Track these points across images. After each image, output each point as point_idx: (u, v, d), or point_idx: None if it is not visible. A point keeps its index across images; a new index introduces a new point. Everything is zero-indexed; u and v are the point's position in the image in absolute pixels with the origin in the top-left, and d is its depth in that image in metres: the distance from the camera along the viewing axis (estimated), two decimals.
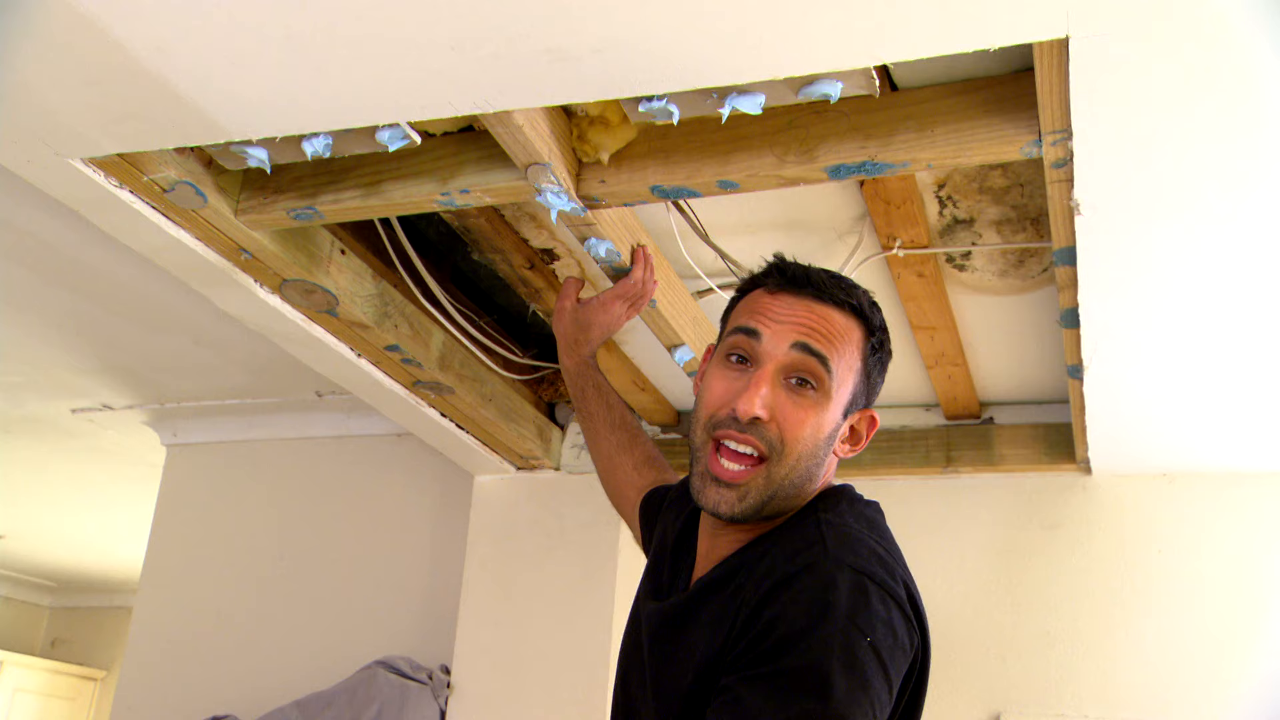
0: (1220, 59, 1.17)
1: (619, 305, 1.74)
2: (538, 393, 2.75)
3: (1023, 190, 1.79)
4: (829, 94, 1.34)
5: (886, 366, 1.29)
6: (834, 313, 1.23)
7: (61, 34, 1.24)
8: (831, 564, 1.06)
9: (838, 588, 1.03)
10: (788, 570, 1.07)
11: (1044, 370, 2.44)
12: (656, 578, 1.34)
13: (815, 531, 1.13)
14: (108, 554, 5.60)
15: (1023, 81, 1.41)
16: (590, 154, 1.56)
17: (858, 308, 1.25)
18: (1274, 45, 1.14)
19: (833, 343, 1.21)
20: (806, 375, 1.19)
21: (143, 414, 3.28)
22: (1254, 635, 2.29)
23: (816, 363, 1.19)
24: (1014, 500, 2.56)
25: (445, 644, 2.73)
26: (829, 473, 1.26)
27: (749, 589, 1.09)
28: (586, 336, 1.76)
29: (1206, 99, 1.24)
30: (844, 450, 1.25)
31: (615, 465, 1.71)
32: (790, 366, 1.19)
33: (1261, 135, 1.30)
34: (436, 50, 1.25)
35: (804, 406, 1.18)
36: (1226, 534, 2.38)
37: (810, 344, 1.20)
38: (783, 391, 1.19)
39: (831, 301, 1.23)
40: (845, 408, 1.22)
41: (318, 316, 1.99)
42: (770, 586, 1.06)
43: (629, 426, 1.73)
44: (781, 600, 1.04)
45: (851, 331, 1.23)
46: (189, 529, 3.22)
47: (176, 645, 3.08)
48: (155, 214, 1.65)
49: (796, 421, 1.17)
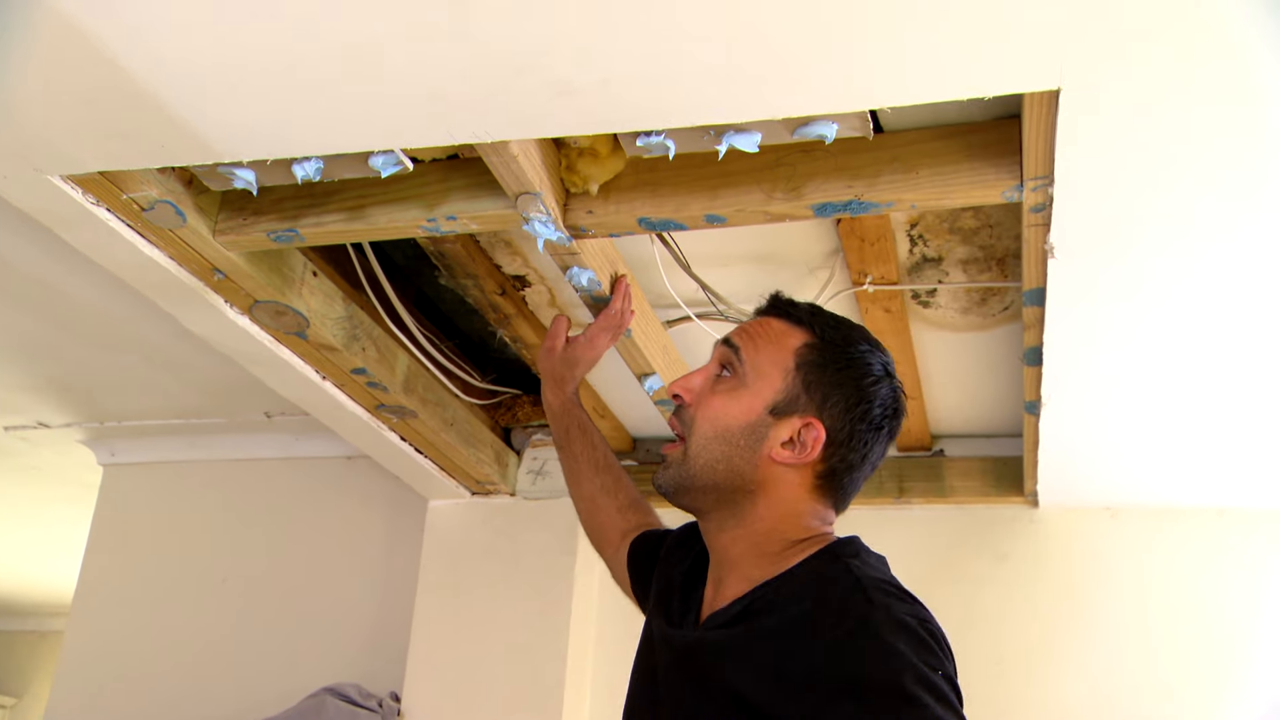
0: (1208, 114, 1.23)
1: (604, 338, 1.76)
2: (494, 418, 2.74)
3: (992, 231, 1.85)
4: (824, 135, 1.37)
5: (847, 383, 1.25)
6: (772, 320, 1.32)
7: (55, 50, 1.22)
8: (880, 610, 1.08)
9: (886, 632, 1.05)
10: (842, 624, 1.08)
11: (995, 405, 2.50)
12: (667, 608, 1.35)
13: (853, 577, 1.14)
14: (19, 576, 5.41)
15: (1005, 128, 1.46)
16: (579, 185, 1.58)
17: (797, 317, 1.30)
18: (1266, 100, 1.20)
19: (754, 339, 1.29)
20: (725, 363, 1.30)
21: (80, 432, 3.19)
22: (1194, 663, 2.37)
23: (730, 351, 1.29)
24: (964, 531, 2.61)
25: (395, 671, 2.69)
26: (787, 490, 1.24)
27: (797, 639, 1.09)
28: (573, 374, 1.77)
29: (1188, 151, 1.29)
30: (785, 455, 1.22)
31: (599, 507, 1.71)
32: (717, 360, 1.32)
33: (1249, 179, 1.35)
34: (440, 79, 1.25)
35: (718, 391, 1.27)
36: (1167, 566, 2.46)
37: (730, 338, 1.32)
38: (710, 384, 1.30)
39: (774, 313, 1.33)
40: (770, 404, 1.24)
41: (286, 338, 1.97)
42: (832, 641, 1.07)
43: (613, 469, 1.73)
44: (849, 653, 1.05)
45: (785, 334, 1.29)
46: (126, 551, 3.13)
47: (110, 672, 2.98)
48: (131, 232, 1.62)
49: (706, 403, 1.27)
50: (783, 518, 1.23)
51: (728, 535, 1.26)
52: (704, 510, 1.28)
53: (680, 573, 1.38)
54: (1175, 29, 1.10)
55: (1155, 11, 1.08)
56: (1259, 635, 2.37)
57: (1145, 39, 1.12)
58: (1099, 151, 1.32)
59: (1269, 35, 1.09)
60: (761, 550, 1.23)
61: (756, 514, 1.23)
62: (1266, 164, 1.32)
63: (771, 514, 1.23)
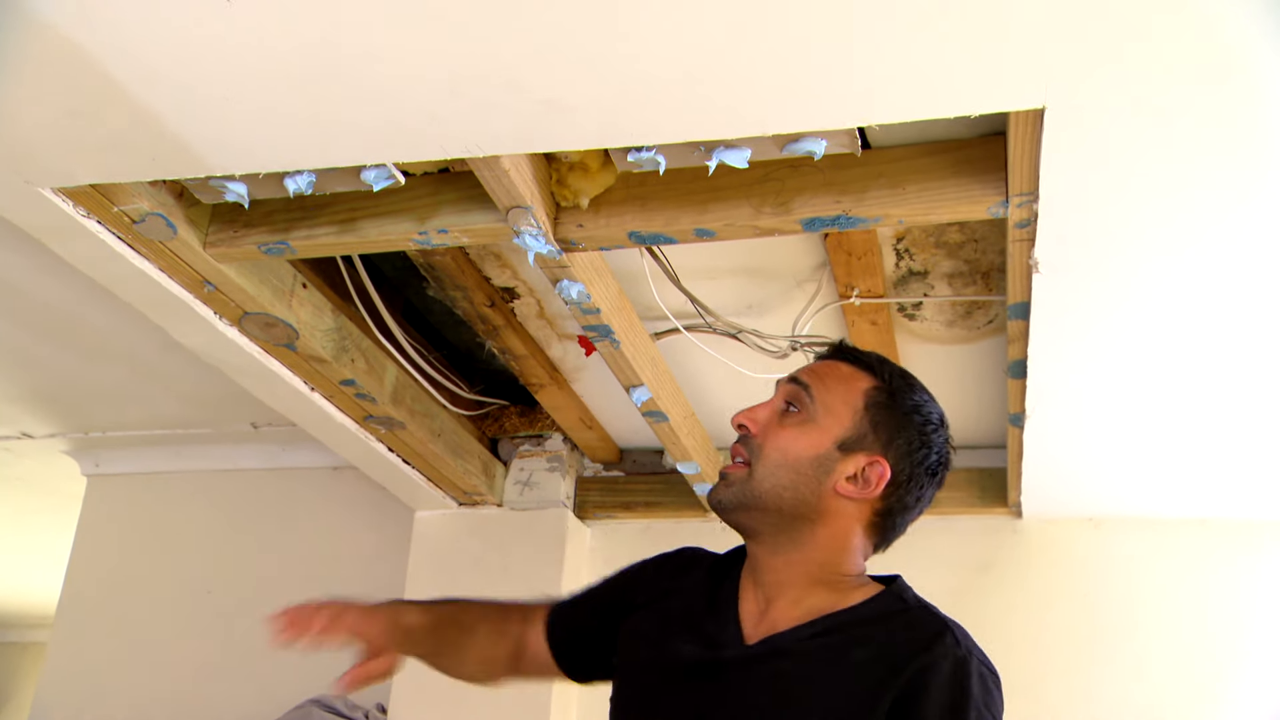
0: (1192, 133, 1.25)
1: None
2: (482, 429, 2.75)
3: (977, 245, 1.87)
4: (813, 151, 1.39)
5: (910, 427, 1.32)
6: (841, 364, 1.37)
7: (48, 62, 1.23)
8: (961, 653, 1.19)
9: (972, 677, 1.18)
10: (930, 664, 1.18)
11: (979, 417, 2.52)
12: (696, 630, 1.32)
13: (935, 618, 1.25)
14: (1, 587, 5.37)
15: (991, 145, 1.48)
16: (569, 199, 1.59)
17: (865, 362, 1.37)
18: (1250, 120, 1.22)
19: (823, 379, 1.34)
20: (793, 400, 1.34)
21: (64, 443, 3.18)
22: (1178, 672, 2.39)
23: (799, 388, 1.34)
24: (948, 542, 2.63)
25: None
26: (845, 521, 1.30)
27: (884, 672, 1.18)
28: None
29: (1171, 168, 1.32)
30: (849, 489, 1.28)
31: (500, 656, 1.56)
32: (785, 395, 1.35)
33: (1227, 197, 1.38)
34: (434, 94, 1.26)
35: (787, 425, 1.32)
36: (1150, 576, 2.48)
37: (799, 375, 1.36)
38: (776, 417, 1.34)
39: (842, 358, 1.38)
40: (839, 440, 1.30)
41: (275, 350, 1.97)
42: (914, 678, 1.16)
43: (492, 619, 1.59)
44: (930, 694, 1.15)
45: (854, 378, 1.34)
46: (110, 562, 3.12)
47: (94, 684, 2.96)
48: (121, 245, 1.63)
49: (775, 434, 1.32)
50: (837, 549, 1.30)
51: (782, 559, 1.31)
52: (759, 531, 1.32)
53: (700, 597, 1.37)
54: (1160, 50, 1.13)
55: (1140, 32, 1.10)
56: (1242, 644, 2.40)
57: (1129, 60, 1.14)
58: (1083, 169, 1.34)
59: (1255, 57, 1.12)
60: (816, 578, 1.29)
61: (814, 542, 1.29)
62: (1249, 182, 1.34)
63: (827, 544, 1.29)
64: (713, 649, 1.29)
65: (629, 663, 1.37)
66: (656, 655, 1.33)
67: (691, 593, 1.38)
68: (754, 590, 1.33)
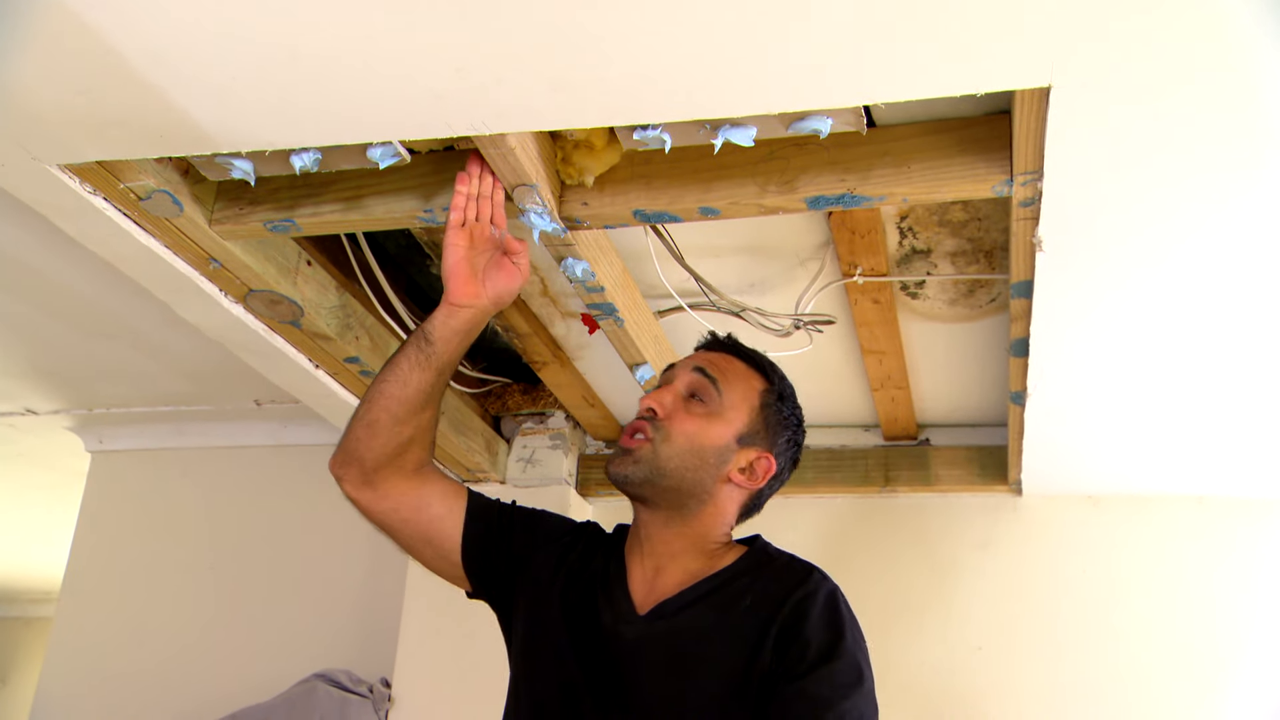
0: (1197, 113, 1.25)
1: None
2: (485, 406, 2.76)
3: (980, 224, 1.87)
4: (819, 129, 1.39)
5: (790, 427, 1.50)
6: (737, 360, 1.50)
7: (57, 40, 1.23)
8: (830, 586, 1.36)
9: (842, 604, 1.35)
10: (804, 596, 1.34)
11: (980, 395, 2.53)
12: (594, 606, 1.41)
13: (800, 563, 1.42)
14: (6, 563, 5.40)
15: (996, 124, 1.48)
16: (574, 176, 1.59)
17: (759, 364, 1.51)
18: (1257, 101, 1.22)
19: (726, 375, 1.47)
20: (697, 390, 1.46)
21: (68, 419, 3.19)
22: (1175, 647, 2.41)
23: (707, 381, 1.46)
24: (948, 519, 2.65)
25: (386, 656, 2.71)
26: (728, 503, 1.46)
27: (767, 612, 1.33)
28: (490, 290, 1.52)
29: (1176, 148, 1.32)
30: (740, 479, 1.44)
31: (417, 440, 1.51)
32: (689, 385, 1.47)
33: (1230, 180, 1.38)
34: (440, 72, 1.26)
35: (692, 414, 1.44)
36: (1148, 553, 2.50)
37: (705, 368, 1.48)
38: (680, 403, 1.45)
39: (736, 354, 1.51)
40: (738, 434, 1.45)
41: (280, 327, 1.98)
42: (793, 610, 1.33)
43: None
44: (811, 619, 1.32)
45: (750, 377, 1.49)
46: (114, 538, 3.14)
47: (99, 658, 2.99)
48: (127, 221, 1.63)
49: (680, 420, 1.44)
50: (717, 524, 1.46)
51: (673, 531, 1.44)
52: (654, 503, 1.44)
53: (603, 567, 1.47)
54: (1166, 28, 1.13)
55: (1147, 10, 1.10)
56: (1238, 619, 2.42)
57: (1137, 38, 1.14)
58: (1088, 147, 1.34)
59: (1264, 36, 1.12)
60: (698, 548, 1.44)
61: (701, 518, 1.44)
62: (1255, 163, 1.35)
63: (711, 520, 1.45)
64: (609, 624, 1.39)
65: (535, 634, 1.44)
66: (557, 633, 1.40)
67: (593, 569, 1.47)
68: (641, 560, 1.45)
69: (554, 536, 1.54)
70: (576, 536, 1.54)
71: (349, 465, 1.52)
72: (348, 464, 1.52)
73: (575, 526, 1.58)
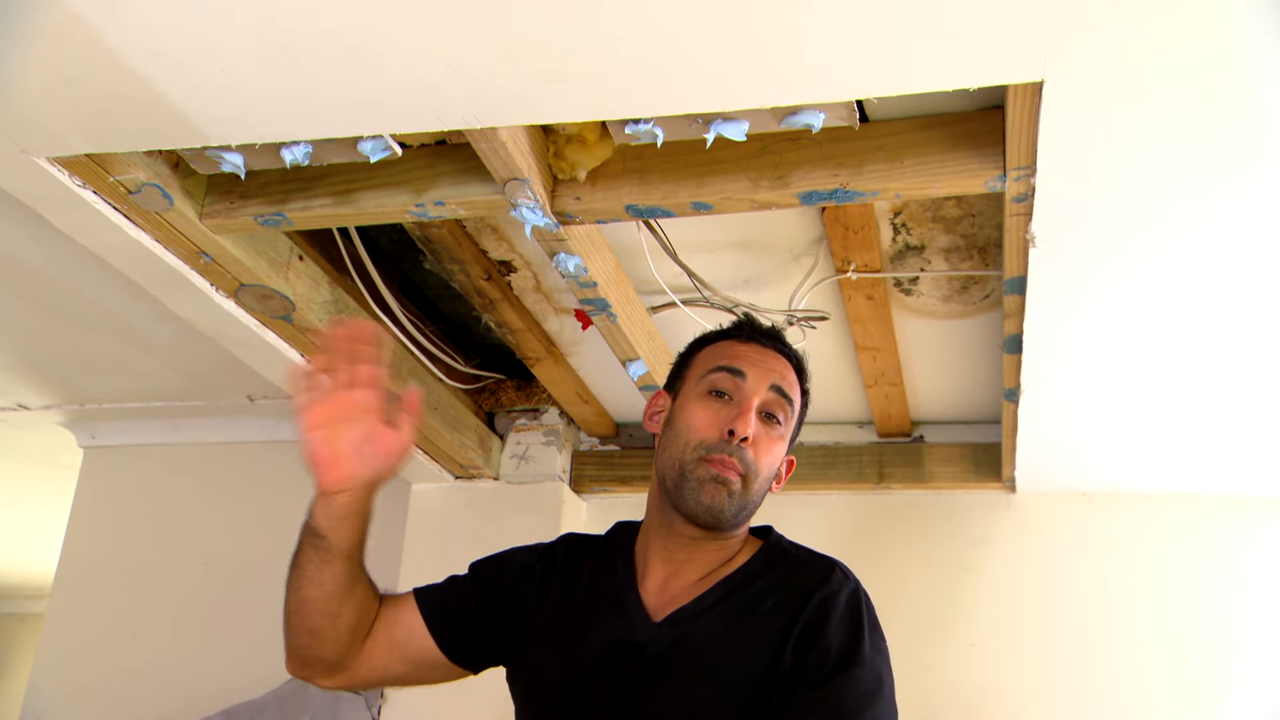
0: (1192, 109, 1.25)
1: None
2: (478, 402, 2.75)
3: (974, 220, 1.87)
4: (811, 124, 1.38)
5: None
6: (789, 366, 1.45)
7: (48, 32, 1.22)
8: (853, 585, 1.32)
9: (864, 603, 1.31)
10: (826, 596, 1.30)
11: (974, 392, 2.53)
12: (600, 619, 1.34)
13: (821, 558, 1.37)
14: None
15: (989, 119, 1.48)
16: (567, 171, 1.58)
17: (800, 367, 1.47)
18: (1252, 97, 1.22)
19: (792, 390, 1.43)
20: (775, 412, 1.40)
21: (60, 415, 3.18)
22: (1168, 644, 2.41)
23: (786, 404, 1.41)
24: (942, 517, 2.64)
25: None
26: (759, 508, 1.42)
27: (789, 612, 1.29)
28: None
29: (1169, 144, 1.32)
30: (775, 486, 1.42)
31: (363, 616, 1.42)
32: (765, 404, 1.39)
33: (1225, 175, 1.38)
34: (432, 66, 1.26)
35: (772, 438, 1.39)
36: (1142, 550, 2.50)
37: (783, 388, 1.41)
38: (759, 424, 1.38)
39: (787, 356, 1.46)
40: (789, 447, 1.44)
41: (271, 322, 1.97)
42: (816, 610, 1.29)
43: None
44: (833, 622, 1.28)
45: (796, 385, 1.45)
46: (107, 534, 3.13)
47: (92, 655, 2.98)
48: (117, 215, 1.62)
49: (766, 449, 1.38)
50: (746, 529, 1.43)
51: (709, 540, 1.38)
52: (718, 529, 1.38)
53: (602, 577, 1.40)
54: (1159, 22, 1.12)
55: (1140, 4, 1.10)
56: (1232, 616, 2.42)
57: (1130, 32, 1.14)
58: (1082, 143, 1.34)
59: (1259, 31, 1.11)
60: (720, 547, 1.40)
61: (741, 529, 1.41)
62: (1248, 160, 1.34)
63: (744, 527, 1.42)
64: (624, 634, 1.32)
65: (539, 664, 1.37)
66: (568, 651, 1.34)
67: (588, 581, 1.41)
68: (659, 564, 1.39)
69: (526, 571, 1.45)
70: (550, 559, 1.46)
71: (310, 666, 1.39)
72: (308, 665, 1.39)
73: (545, 550, 1.49)
